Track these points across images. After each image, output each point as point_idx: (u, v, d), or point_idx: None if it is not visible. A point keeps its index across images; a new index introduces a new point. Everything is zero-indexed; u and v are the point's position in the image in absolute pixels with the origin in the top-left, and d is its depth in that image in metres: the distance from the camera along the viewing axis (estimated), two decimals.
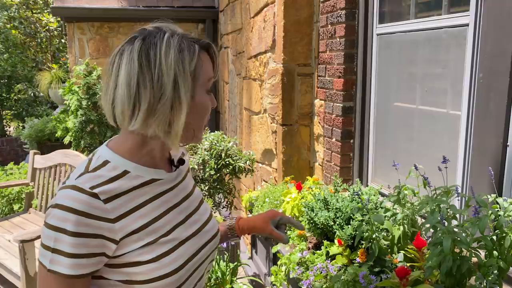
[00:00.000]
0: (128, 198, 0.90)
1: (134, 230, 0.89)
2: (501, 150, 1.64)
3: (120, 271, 0.89)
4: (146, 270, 0.89)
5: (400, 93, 2.36)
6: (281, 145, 3.07)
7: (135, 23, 5.30)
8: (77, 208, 0.82)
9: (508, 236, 1.31)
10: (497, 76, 1.63)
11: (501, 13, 1.60)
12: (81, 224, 0.82)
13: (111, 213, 0.86)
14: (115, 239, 0.86)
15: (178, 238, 0.96)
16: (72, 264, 0.82)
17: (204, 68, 0.92)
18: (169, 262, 0.91)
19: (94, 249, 0.84)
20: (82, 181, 0.86)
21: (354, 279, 1.55)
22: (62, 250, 0.82)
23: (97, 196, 0.84)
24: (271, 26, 3.20)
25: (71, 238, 0.81)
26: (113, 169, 0.90)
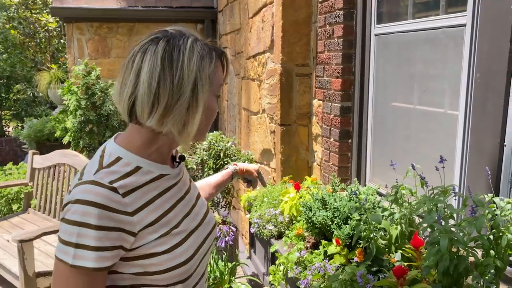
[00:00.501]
0: (142, 192, 0.94)
1: (150, 222, 0.93)
2: (498, 149, 1.65)
3: (135, 263, 0.93)
4: (160, 261, 0.93)
5: (398, 93, 2.36)
6: (280, 145, 3.07)
7: (134, 24, 5.31)
8: (99, 201, 0.85)
9: (505, 236, 1.31)
10: (494, 75, 1.64)
11: (498, 13, 1.61)
12: (104, 217, 0.85)
13: (129, 207, 0.90)
14: (133, 231, 0.90)
15: (187, 229, 1.02)
16: (97, 257, 0.85)
17: (217, 74, 0.98)
18: (181, 253, 0.97)
19: (114, 242, 0.87)
20: (100, 176, 0.90)
21: (352, 278, 1.55)
22: (87, 245, 0.84)
23: (116, 190, 0.89)
24: (270, 27, 3.20)
25: (95, 232, 0.84)
26: (126, 165, 0.94)
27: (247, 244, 3.53)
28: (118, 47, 5.27)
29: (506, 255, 1.37)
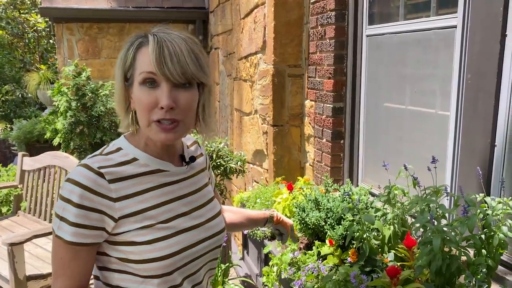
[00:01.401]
0: (132, 182, 0.98)
1: (133, 212, 0.97)
2: (489, 149, 1.66)
3: (118, 248, 0.98)
4: (139, 251, 0.96)
5: (390, 94, 2.38)
6: (272, 145, 3.07)
7: (124, 24, 5.28)
8: (83, 182, 0.92)
9: (497, 235, 1.33)
10: (485, 76, 1.66)
11: (488, 14, 1.63)
12: (84, 198, 0.92)
13: (114, 193, 0.95)
14: (114, 216, 0.95)
15: (177, 227, 1.02)
16: (74, 232, 0.92)
17: (139, 61, 0.96)
18: (162, 247, 0.98)
19: (95, 223, 0.93)
20: (92, 161, 0.97)
21: (346, 278, 1.56)
22: (67, 219, 0.92)
23: (103, 175, 0.94)
24: (262, 27, 3.21)
25: (74, 209, 0.91)
26: (124, 155, 1.00)
27: (240, 245, 3.52)
28: (108, 47, 5.24)
29: (497, 254, 1.38)
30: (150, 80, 0.94)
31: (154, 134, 0.97)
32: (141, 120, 0.98)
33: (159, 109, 0.94)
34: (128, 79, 0.99)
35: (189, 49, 0.95)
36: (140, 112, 0.97)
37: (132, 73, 0.97)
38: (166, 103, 0.93)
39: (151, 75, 0.94)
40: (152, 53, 0.92)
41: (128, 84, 0.99)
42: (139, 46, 0.96)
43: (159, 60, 0.92)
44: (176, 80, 0.93)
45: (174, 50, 0.93)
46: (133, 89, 0.98)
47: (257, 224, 1.50)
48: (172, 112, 0.94)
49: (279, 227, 1.51)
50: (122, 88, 1.00)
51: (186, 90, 0.96)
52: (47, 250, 3.02)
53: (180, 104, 0.95)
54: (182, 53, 0.94)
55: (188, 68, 0.94)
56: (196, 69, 0.96)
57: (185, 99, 0.96)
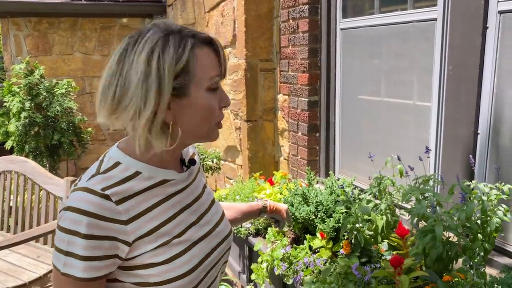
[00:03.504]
0: (140, 199, 0.88)
1: (147, 232, 0.88)
2: (472, 138, 1.73)
3: (133, 273, 0.88)
4: (160, 272, 0.88)
5: (366, 87, 2.42)
6: (246, 141, 3.04)
7: (77, 18, 5.01)
8: (89, 210, 0.81)
9: (493, 219, 1.39)
10: (466, 68, 1.72)
11: (469, 8, 1.68)
12: (94, 226, 0.81)
13: (123, 215, 0.85)
14: (127, 241, 0.85)
15: (191, 239, 0.95)
16: (86, 267, 0.82)
17: (202, 64, 0.86)
18: (182, 263, 0.91)
19: (107, 251, 0.83)
20: (93, 182, 0.85)
21: (346, 271, 1.57)
22: (75, 253, 0.81)
23: (109, 197, 0.83)
24: (231, 21, 3.16)
25: (83, 241, 0.81)
26: (125, 170, 0.89)
27: None
28: (60, 43, 4.95)
29: (492, 237, 1.45)
30: (217, 85, 0.91)
31: (212, 136, 0.94)
32: (201, 127, 0.90)
33: (219, 109, 0.93)
34: (175, 87, 0.84)
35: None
36: (205, 118, 0.90)
37: (186, 79, 0.84)
38: (229, 101, 0.95)
39: (218, 78, 0.91)
40: (220, 56, 0.91)
41: (176, 93, 0.84)
42: (194, 47, 0.85)
43: (224, 62, 0.92)
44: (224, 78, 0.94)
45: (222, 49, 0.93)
46: (188, 97, 0.86)
47: (252, 217, 1.45)
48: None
49: (274, 215, 1.49)
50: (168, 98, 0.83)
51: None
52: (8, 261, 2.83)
53: None
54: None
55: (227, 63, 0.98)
56: None
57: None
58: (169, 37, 0.84)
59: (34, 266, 2.78)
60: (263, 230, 2.31)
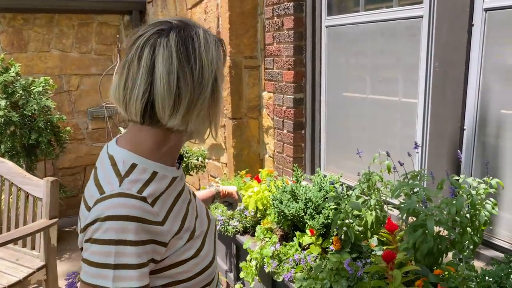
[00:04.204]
0: (164, 198, 0.88)
1: (178, 229, 0.89)
2: (459, 133, 1.76)
3: (164, 274, 0.88)
4: (190, 266, 0.90)
5: (352, 84, 2.43)
6: (232, 139, 3.02)
7: (53, 15, 4.87)
8: (134, 214, 0.78)
9: (482, 213, 1.41)
10: (453, 64, 1.75)
11: (455, 5, 1.71)
12: (141, 231, 0.79)
13: (159, 216, 0.84)
14: (165, 241, 0.85)
15: (202, 230, 0.98)
16: (140, 275, 0.79)
17: (222, 62, 0.92)
18: (205, 255, 0.93)
19: (150, 255, 0.82)
20: (127, 186, 0.82)
21: (338, 267, 1.57)
22: (128, 264, 0.77)
23: (146, 199, 0.82)
24: (214, 18, 3.13)
25: (134, 248, 0.77)
26: (143, 171, 0.87)
27: None
28: (36, 40, 4.79)
29: (480, 231, 1.47)
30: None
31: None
32: (219, 121, 0.93)
33: None
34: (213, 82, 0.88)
35: None
36: (221, 112, 0.93)
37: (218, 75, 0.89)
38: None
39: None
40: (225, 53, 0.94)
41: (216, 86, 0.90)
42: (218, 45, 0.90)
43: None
44: None
45: None
46: (218, 93, 0.89)
47: (207, 203, 1.48)
48: None
49: (227, 198, 1.53)
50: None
51: None
52: None
53: None
54: None
55: None
56: None
57: None
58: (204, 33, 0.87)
59: (13, 269, 2.69)
60: (251, 228, 2.30)
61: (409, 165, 1.86)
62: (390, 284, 1.37)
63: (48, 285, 2.80)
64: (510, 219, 1.63)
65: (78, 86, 5.06)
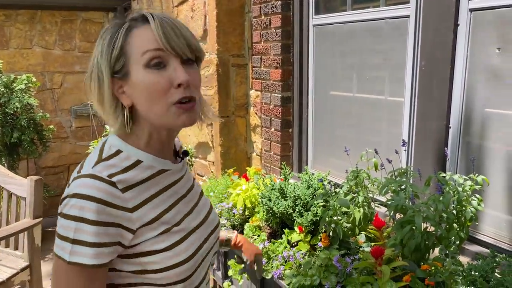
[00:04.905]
0: (142, 188, 0.90)
1: (151, 220, 0.89)
2: (444, 131, 1.79)
3: (134, 261, 0.89)
4: (161, 258, 0.89)
5: (339, 82, 2.45)
6: (219, 137, 3.02)
7: (36, 11, 4.79)
8: (96, 196, 0.81)
9: (468, 209, 1.44)
10: (439, 63, 1.78)
11: (441, 5, 1.74)
12: (102, 212, 0.81)
13: (129, 203, 0.86)
14: (132, 228, 0.86)
15: (188, 227, 0.97)
16: (95, 253, 0.82)
17: (135, 43, 0.87)
18: (180, 251, 0.92)
19: (113, 238, 0.84)
20: (99, 169, 0.86)
21: (327, 263, 1.59)
22: (84, 240, 0.81)
23: (115, 184, 0.85)
24: (201, 16, 3.11)
25: (92, 227, 0.81)
26: (126, 158, 0.90)
27: None
28: (18, 36, 4.70)
29: (466, 226, 1.50)
30: (157, 61, 0.86)
31: (175, 119, 0.88)
32: (153, 108, 0.87)
33: (175, 88, 0.86)
34: (118, 70, 0.88)
35: (183, 25, 0.90)
36: (153, 99, 0.86)
37: (124, 62, 0.87)
38: (185, 77, 0.85)
39: (158, 52, 0.86)
40: (157, 28, 0.85)
41: (120, 76, 0.88)
42: (129, 29, 0.88)
43: (166, 35, 0.85)
44: (184, 54, 0.87)
45: (173, 24, 0.87)
46: (130, 79, 0.88)
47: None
48: (189, 89, 0.87)
49: (239, 252, 1.37)
50: (109, 82, 0.89)
51: (192, 67, 0.90)
52: None
53: (192, 81, 0.88)
54: (181, 25, 0.89)
55: (191, 40, 0.88)
56: (196, 41, 0.91)
57: (195, 76, 0.90)
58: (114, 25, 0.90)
59: None
60: (239, 226, 2.30)
61: (396, 163, 1.89)
62: (379, 280, 1.39)
63: (32, 285, 2.76)
64: (495, 215, 1.67)
65: (62, 84, 4.98)
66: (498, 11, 1.59)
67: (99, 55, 0.88)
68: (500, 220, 1.65)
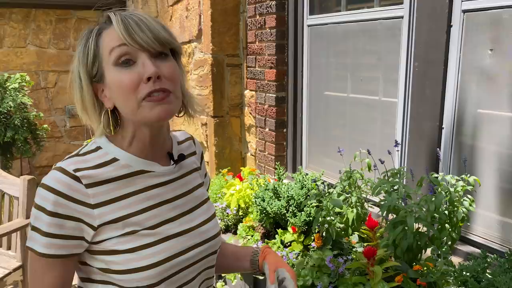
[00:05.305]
0: (113, 186, 0.90)
1: (114, 219, 0.88)
2: (437, 132, 1.80)
3: (98, 258, 0.89)
4: (122, 260, 0.88)
5: (333, 83, 2.46)
6: (213, 137, 3.02)
7: (30, 10, 4.77)
8: (57, 188, 0.84)
9: (460, 210, 1.45)
10: (432, 64, 1.78)
11: (434, 6, 1.74)
12: (59, 205, 0.83)
13: (92, 199, 0.86)
14: (93, 225, 0.87)
15: (163, 233, 0.93)
16: (47, 243, 0.84)
17: (103, 44, 0.87)
18: (147, 255, 0.89)
19: (71, 232, 0.85)
20: (68, 163, 0.88)
21: (320, 264, 1.59)
22: (39, 229, 0.84)
23: (79, 179, 0.86)
24: (196, 15, 3.11)
25: (48, 218, 0.83)
26: (103, 155, 0.91)
27: None
28: (12, 35, 4.68)
29: (458, 227, 1.51)
30: (125, 58, 0.85)
31: (147, 113, 0.86)
32: (128, 106, 0.86)
33: (145, 83, 0.85)
34: (95, 74, 0.88)
35: (153, 18, 0.89)
36: (124, 96, 0.86)
37: (99, 64, 0.88)
38: (152, 70, 0.84)
39: (124, 48, 0.84)
40: (117, 24, 0.84)
41: (96, 79, 0.89)
42: (99, 33, 0.88)
43: (128, 30, 0.84)
44: (152, 48, 0.85)
45: (139, 19, 0.86)
46: (106, 80, 0.88)
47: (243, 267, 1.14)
48: (160, 82, 0.85)
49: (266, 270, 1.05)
50: (90, 88, 0.89)
51: (165, 60, 0.88)
52: None
53: (164, 74, 0.86)
54: (148, 20, 0.87)
55: (159, 32, 0.86)
56: (167, 33, 0.88)
57: (168, 68, 0.88)
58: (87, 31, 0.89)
59: None
60: (233, 226, 2.30)
61: (389, 163, 1.89)
62: (371, 280, 1.39)
63: (25, 285, 2.74)
64: (486, 216, 1.68)
65: (56, 83, 4.96)
66: (490, 13, 1.60)
67: (77, 62, 0.89)
68: (492, 220, 1.66)
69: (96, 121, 0.92)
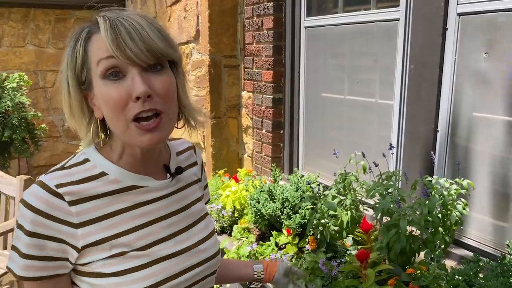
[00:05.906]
0: (99, 203, 0.81)
1: (100, 240, 0.80)
2: (432, 134, 1.80)
3: (84, 280, 0.82)
4: (109, 283, 0.80)
5: (330, 84, 2.45)
6: (210, 138, 3.01)
7: (29, 9, 4.77)
8: (35, 205, 0.76)
9: (453, 213, 1.44)
10: (427, 67, 1.78)
11: (430, 8, 1.74)
12: (38, 224, 0.76)
13: (75, 217, 0.78)
14: (76, 246, 0.79)
15: (155, 254, 0.85)
16: (25, 265, 0.77)
17: (92, 51, 0.79)
18: (137, 279, 0.81)
19: (54, 253, 0.78)
20: (50, 177, 0.79)
21: (313, 266, 1.58)
22: (18, 249, 0.77)
23: (61, 196, 0.77)
24: (194, 16, 3.11)
25: (26, 238, 0.76)
26: (91, 168, 0.83)
27: None
28: (11, 35, 4.69)
29: (451, 230, 1.51)
30: (113, 70, 0.76)
31: (135, 139, 0.78)
32: (115, 124, 0.79)
33: (134, 101, 0.76)
34: (84, 81, 0.81)
35: (149, 23, 0.78)
36: (112, 114, 0.77)
37: (87, 72, 0.80)
38: (141, 89, 0.74)
39: (111, 61, 0.76)
40: (105, 34, 0.75)
41: (85, 87, 0.81)
42: (88, 36, 0.79)
43: (117, 40, 0.74)
44: (143, 61, 0.76)
45: (131, 25, 0.76)
46: (94, 90, 0.80)
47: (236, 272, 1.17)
48: (150, 101, 0.76)
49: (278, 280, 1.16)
50: (78, 94, 0.82)
51: (159, 74, 0.79)
52: None
53: (157, 91, 0.77)
54: (142, 27, 0.76)
55: (153, 43, 0.76)
56: (163, 43, 0.78)
57: (161, 84, 0.78)
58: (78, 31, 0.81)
59: None
60: (228, 227, 2.30)
61: (384, 166, 1.89)
62: (364, 283, 1.39)
63: (21, 286, 2.74)
64: (480, 219, 1.67)
65: (54, 83, 4.96)
66: (486, 16, 1.59)
67: (66, 65, 0.82)
68: (486, 223, 1.66)
69: (84, 129, 0.84)
